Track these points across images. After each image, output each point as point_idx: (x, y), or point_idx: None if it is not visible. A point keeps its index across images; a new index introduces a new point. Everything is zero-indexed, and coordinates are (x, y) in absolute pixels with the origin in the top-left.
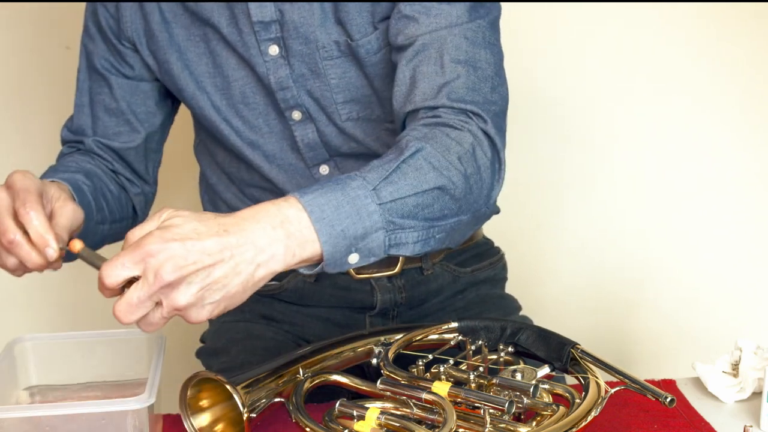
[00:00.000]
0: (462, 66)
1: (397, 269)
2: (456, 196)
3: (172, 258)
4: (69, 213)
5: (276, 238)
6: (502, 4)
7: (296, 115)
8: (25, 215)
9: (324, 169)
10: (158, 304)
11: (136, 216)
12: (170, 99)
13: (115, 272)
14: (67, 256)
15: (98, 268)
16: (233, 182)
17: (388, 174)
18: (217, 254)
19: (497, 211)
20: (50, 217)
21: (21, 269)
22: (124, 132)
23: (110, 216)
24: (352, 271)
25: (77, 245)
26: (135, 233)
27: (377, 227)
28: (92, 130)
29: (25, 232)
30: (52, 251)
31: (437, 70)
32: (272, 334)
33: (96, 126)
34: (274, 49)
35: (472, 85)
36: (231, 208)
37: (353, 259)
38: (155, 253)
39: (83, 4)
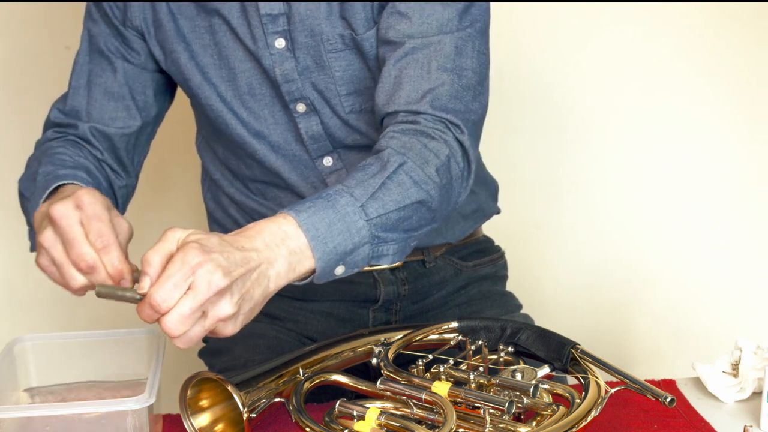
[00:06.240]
0: (447, 74)
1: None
2: (432, 208)
3: (220, 266)
4: (125, 233)
5: (280, 254)
6: (501, 4)
7: (301, 107)
8: (101, 250)
9: (327, 161)
10: (201, 316)
11: (118, 208)
12: (165, 94)
13: (171, 294)
14: None
15: (125, 298)
16: (237, 177)
17: (375, 191)
18: (246, 265)
19: (497, 211)
20: None
21: (87, 289)
22: (120, 117)
23: None
24: None
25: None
26: (154, 257)
27: (364, 242)
28: (87, 113)
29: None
30: (127, 282)
31: (423, 75)
32: (275, 332)
33: (91, 108)
34: (280, 42)
35: (455, 93)
36: (235, 203)
37: (339, 271)
38: (203, 264)
39: (83, 4)
